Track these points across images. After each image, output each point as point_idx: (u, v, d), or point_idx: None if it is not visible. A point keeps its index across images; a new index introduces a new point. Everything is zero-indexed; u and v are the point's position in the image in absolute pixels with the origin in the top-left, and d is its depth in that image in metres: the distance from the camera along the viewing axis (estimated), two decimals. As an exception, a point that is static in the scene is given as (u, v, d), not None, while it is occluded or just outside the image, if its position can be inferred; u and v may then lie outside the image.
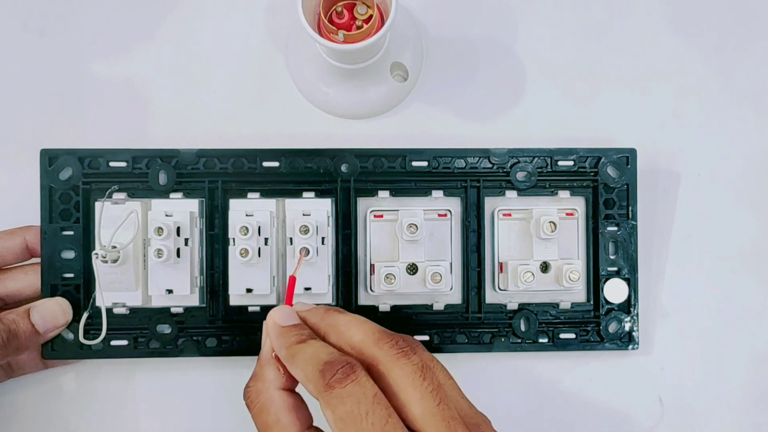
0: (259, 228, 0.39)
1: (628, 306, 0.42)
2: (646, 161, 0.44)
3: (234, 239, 0.39)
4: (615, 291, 0.42)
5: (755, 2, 0.45)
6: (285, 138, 0.43)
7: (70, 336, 0.40)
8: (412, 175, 0.41)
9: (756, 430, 0.44)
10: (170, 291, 0.40)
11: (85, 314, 0.40)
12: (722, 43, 0.45)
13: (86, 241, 0.40)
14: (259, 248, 0.39)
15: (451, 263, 0.41)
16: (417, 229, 0.40)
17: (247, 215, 0.40)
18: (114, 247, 0.38)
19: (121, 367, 0.42)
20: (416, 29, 0.43)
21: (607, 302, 0.42)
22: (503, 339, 0.41)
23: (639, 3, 0.45)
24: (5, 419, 0.42)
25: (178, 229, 0.40)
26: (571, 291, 0.41)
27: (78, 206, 0.40)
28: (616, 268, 0.42)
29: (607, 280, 0.42)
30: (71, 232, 0.40)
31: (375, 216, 0.41)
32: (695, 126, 0.45)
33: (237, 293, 0.40)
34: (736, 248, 0.44)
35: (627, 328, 0.42)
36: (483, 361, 0.43)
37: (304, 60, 0.43)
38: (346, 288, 0.41)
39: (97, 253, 0.38)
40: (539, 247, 0.41)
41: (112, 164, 0.40)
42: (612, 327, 0.42)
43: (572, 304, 0.42)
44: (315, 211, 0.40)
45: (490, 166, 0.41)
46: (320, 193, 0.41)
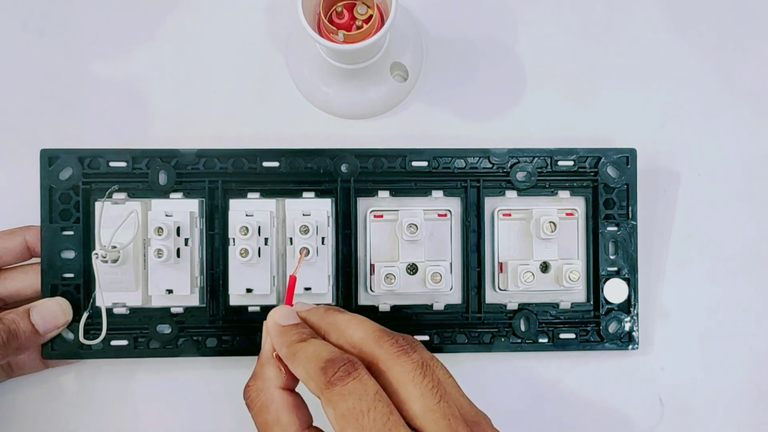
0: (259, 228, 0.39)
1: (628, 306, 0.42)
2: (646, 161, 0.44)
3: (234, 239, 0.39)
4: (615, 291, 0.42)
5: (755, 2, 0.45)
6: (285, 138, 0.43)
7: (70, 336, 0.40)
8: (412, 175, 0.41)
9: (756, 430, 0.44)
10: (170, 291, 0.40)
11: (85, 314, 0.40)
12: (722, 43, 0.45)
13: (86, 241, 0.40)
14: (259, 248, 0.39)
15: (451, 263, 0.41)
16: (417, 229, 0.40)
17: (247, 215, 0.40)
18: (114, 247, 0.38)
19: (121, 367, 0.42)
20: (416, 29, 0.43)
21: (607, 302, 0.42)
22: (503, 339, 0.42)
23: (639, 3, 0.45)
24: (5, 419, 0.42)
25: (178, 229, 0.40)
26: (571, 291, 0.41)
27: (78, 206, 0.40)
28: (616, 268, 0.42)
29: (607, 280, 0.42)
30: (71, 232, 0.40)
31: (375, 216, 0.41)
32: (695, 126, 0.45)
33: (237, 293, 0.40)
34: (736, 248, 0.44)
35: (627, 328, 0.42)
36: (483, 361, 0.43)
37: (304, 60, 0.43)
38: (346, 288, 0.41)
39: (97, 253, 0.38)
40: (539, 247, 0.41)
41: (112, 164, 0.40)
42: (612, 327, 0.42)
43: (572, 304, 0.42)
44: (315, 211, 0.40)
45: (490, 166, 0.41)
46: (320, 193, 0.41)
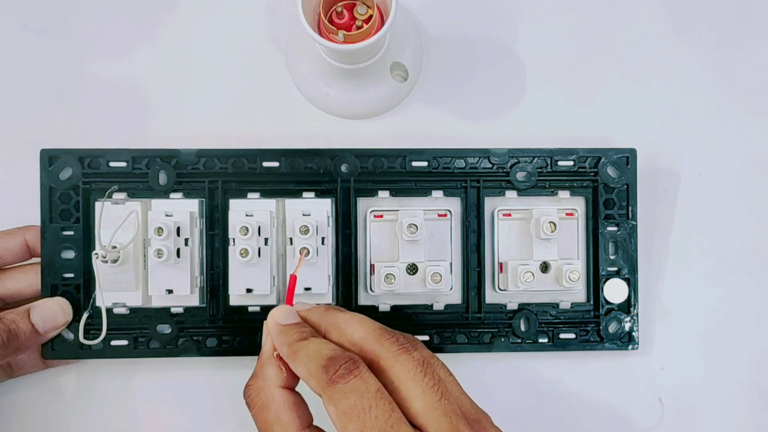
0: (259, 228, 0.39)
1: (628, 306, 0.42)
2: (646, 161, 0.44)
3: (234, 239, 0.39)
4: (615, 291, 0.42)
5: (755, 2, 0.45)
6: (285, 138, 0.43)
7: (70, 336, 0.40)
8: (412, 175, 0.41)
9: (756, 430, 0.44)
10: (170, 291, 0.40)
11: (85, 314, 0.40)
12: (722, 43, 0.45)
13: (86, 241, 0.40)
14: (259, 248, 0.39)
15: (451, 263, 0.41)
16: (417, 229, 0.40)
17: (247, 215, 0.40)
18: (114, 247, 0.38)
19: (121, 367, 0.42)
20: (416, 29, 0.43)
21: (607, 302, 0.42)
22: (503, 339, 0.41)
23: (639, 3, 0.45)
24: (5, 419, 0.42)
25: (178, 229, 0.40)
26: (571, 291, 0.41)
27: (78, 206, 0.40)
28: (616, 268, 0.42)
29: (607, 280, 0.42)
30: (71, 232, 0.40)
31: (375, 216, 0.41)
32: (695, 126, 0.45)
33: (237, 293, 0.40)
34: (736, 248, 0.44)
35: (627, 328, 0.42)
36: (483, 361, 0.43)
37: (304, 60, 0.43)
38: (346, 288, 0.41)
39: (97, 253, 0.38)
40: (539, 247, 0.41)
41: (112, 164, 0.40)
42: (612, 327, 0.42)
43: (572, 304, 0.42)
44: (315, 211, 0.40)
45: (490, 166, 0.41)
46: (320, 193, 0.41)
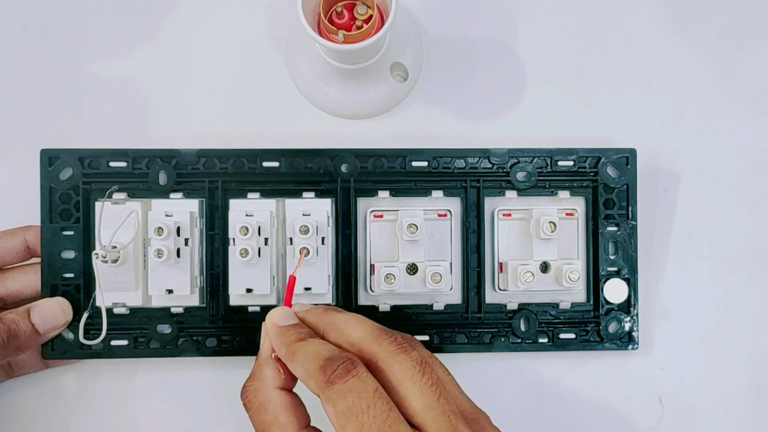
0: (259, 228, 0.39)
1: (628, 306, 0.42)
2: (646, 161, 0.44)
3: (234, 239, 0.39)
4: (615, 291, 0.42)
5: (755, 2, 0.45)
6: (285, 138, 0.43)
7: (70, 336, 0.40)
8: (412, 175, 0.41)
9: (756, 430, 0.44)
10: (170, 291, 0.40)
11: (85, 314, 0.40)
12: (722, 43, 0.45)
13: (86, 241, 0.40)
14: (259, 248, 0.39)
15: (451, 263, 0.41)
16: (417, 229, 0.40)
17: (247, 215, 0.40)
18: (114, 247, 0.38)
19: (121, 367, 0.42)
20: (416, 29, 0.43)
21: (607, 302, 0.42)
22: (503, 339, 0.42)
23: (639, 3, 0.45)
24: (5, 419, 0.42)
25: (178, 229, 0.40)
26: (571, 291, 0.41)
27: (78, 206, 0.40)
28: (615, 268, 0.42)
29: (606, 280, 0.42)
30: (71, 232, 0.40)
31: (375, 216, 0.41)
32: (695, 126, 0.45)
33: (237, 293, 0.40)
34: (736, 248, 0.44)
35: (627, 328, 0.42)
36: (483, 361, 0.43)
37: (304, 60, 0.43)
38: (346, 288, 0.41)
39: (97, 253, 0.38)
40: (539, 247, 0.41)
41: (112, 164, 0.40)
42: (612, 327, 0.42)
43: (572, 304, 0.42)
44: (315, 211, 0.40)
45: (490, 166, 0.41)
46: (320, 193, 0.41)
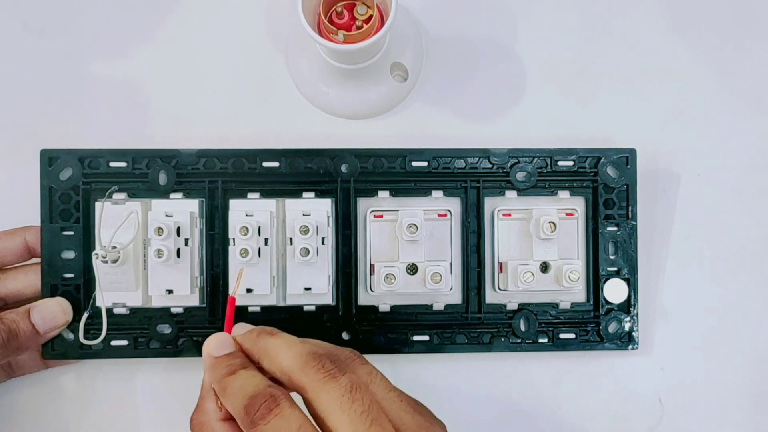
0: (259, 228, 0.39)
1: (628, 306, 0.42)
2: (646, 161, 0.44)
3: (234, 239, 0.39)
4: (615, 291, 0.42)
5: (755, 2, 0.45)
6: (285, 138, 0.43)
7: (71, 336, 0.40)
8: (412, 175, 0.41)
9: (756, 431, 0.44)
10: (170, 291, 0.40)
11: (85, 314, 0.40)
12: (722, 43, 0.45)
13: (86, 241, 0.40)
14: (259, 248, 0.39)
15: (451, 263, 0.41)
16: (417, 229, 0.40)
17: (247, 215, 0.40)
18: (114, 247, 0.38)
19: (121, 367, 0.42)
20: (416, 29, 0.43)
21: (607, 302, 0.42)
22: (503, 339, 0.41)
23: (639, 3, 0.45)
24: (5, 419, 0.42)
25: (178, 229, 0.40)
26: (571, 291, 0.41)
27: (78, 206, 0.40)
28: (615, 268, 0.42)
29: (606, 280, 0.42)
30: (71, 232, 0.40)
31: (375, 216, 0.41)
32: (695, 126, 0.45)
33: (237, 293, 0.40)
34: (736, 248, 0.44)
35: (627, 328, 0.42)
36: (483, 361, 0.43)
37: (304, 60, 0.43)
38: (346, 288, 0.41)
39: (97, 253, 0.38)
40: (539, 247, 0.41)
41: (112, 164, 0.40)
42: (612, 327, 0.42)
43: (572, 304, 0.42)
44: (315, 211, 0.40)
45: (490, 166, 0.41)
46: (320, 194, 0.41)
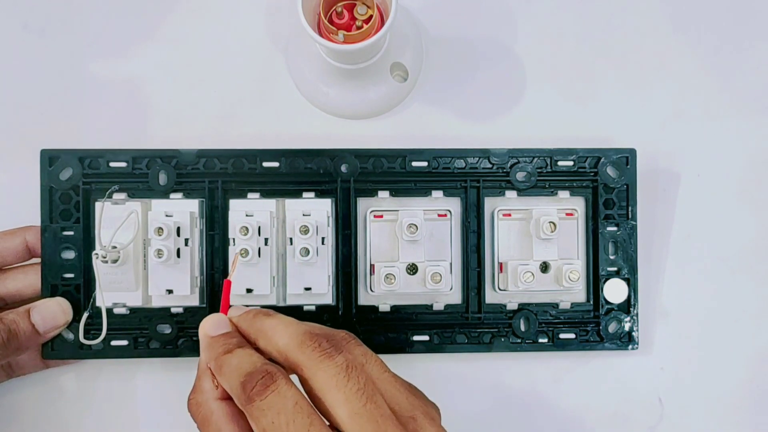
0: (259, 228, 0.39)
1: (628, 306, 0.42)
2: (646, 161, 0.44)
3: (234, 239, 0.39)
4: (615, 291, 0.42)
5: (755, 2, 0.45)
6: (285, 138, 0.43)
7: (71, 336, 0.40)
8: (411, 176, 0.41)
9: (756, 430, 0.44)
10: (170, 291, 0.40)
11: (85, 314, 0.40)
12: (722, 44, 0.45)
13: (86, 241, 0.40)
14: (259, 248, 0.39)
15: (451, 263, 0.41)
16: (417, 229, 0.40)
17: (247, 215, 0.40)
18: (114, 247, 0.38)
19: (121, 367, 0.42)
20: (416, 29, 0.43)
21: (607, 302, 0.42)
22: (503, 339, 0.42)
23: (639, 3, 0.45)
24: (5, 419, 0.42)
25: (178, 229, 0.40)
26: (571, 291, 0.41)
27: (78, 206, 0.40)
28: (615, 268, 0.42)
29: (606, 280, 0.42)
30: (71, 232, 0.40)
31: (375, 216, 0.41)
32: (695, 126, 0.45)
33: (237, 293, 0.40)
34: (736, 248, 0.44)
35: (627, 328, 0.42)
36: (483, 361, 0.43)
37: (304, 60, 0.43)
38: (346, 288, 0.41)
39: (97, 253, 0.38)
40: (539, 247, 0.41)
41: (112, 164, 0.40)
42: (612, 327, 0.42)
43: (572, 304, 0.42)
44: (315, 211, 0.40)
45: (489, 166, 0.41)
46: (320, 194, 0.41)
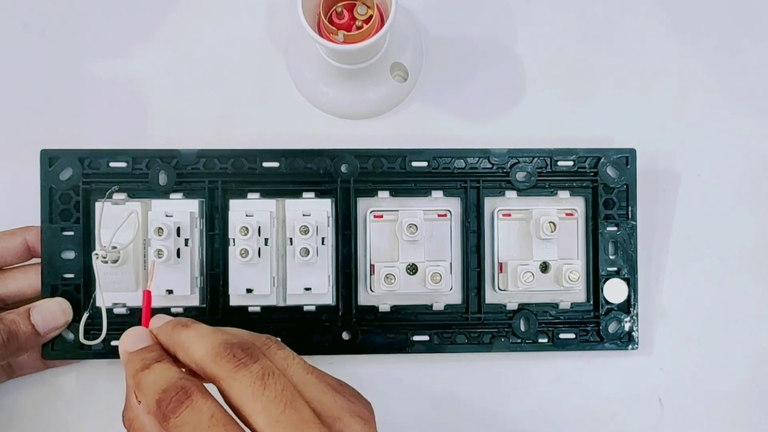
0: (259, 228, 0.39)
1: (628, 306, 0.42)
2: (646, 161, 0.44)
3: (234, 239, 0.39)
4: (615, 291, 0.42)
5: (755, 2, 0.45)
6: (285, 138, 0.43)
7: (71, 336, 0.40)
8: (411, 176, 0.41)
9: (755, 430, 0.44)
10: (170, 291, 0.40)
11: (86, 314, 0.40)
12: (722, 44, 0.45)
13: (86, 242, 0.40)
14: (259, 248, 0.39)
15: (450, 263, 0.41)
16: (417, 230, 0.40)
17: (247, 215, 0.40)
18: (114, 247, 0.38)
19: (121, 367, 0.42)
20: (416, 29, 0.43)
21: (607, 302, 0.42)
22: (503, 339, 0.42)
23: (639, 3, 0.45)
24: (5, 419, 0.42)
25: (178, 229, 0.40)
26: (571, 291, 0.41)
27: (78, 206, 0.40)
28: (615, 268, 0.42)
29: (606, 280, 0.42)
30: (71, 233, 0.40)
31: (375, 216, 0.41)
32: (695, 126, 0.45)
33: (237, 293, 0.40)
34: (736, 248, 0.44)
35: (627, 328, 0.42)
36: (483, 361, 0.43)
37: (304, 60, 0.43)
38: (346, 288, 0.41)
39: (97, 254, 0.38)
40: (539, 248, 0.41)
41: (112, 164, 0.40)
42: (612, 327, 0.42)
43: (572, 304, 0.42)
44: (315, 211, 0.40)
45: (489, 166, 0.41)
46: (320, 194, 0.41)
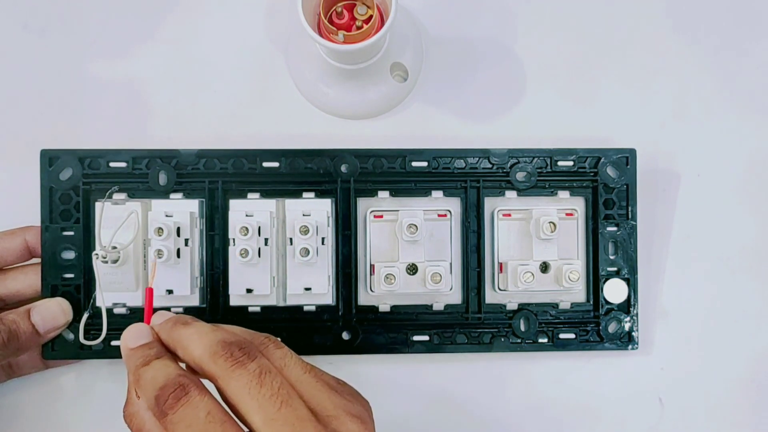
0: (259, 228, 0.39)
1: (628, 306, 0.42)
2: (646, 161, 0.44)
3: (234, 239, 0.39)
4: (615, 291, 0.42)
5: (755, 2, 0.45)
6: (285, 138, 0.43)
7: (71, 336, 0.40)
8: (411, 176, 0.41)
9: (755, 430, 0.44)
10: (170, 291, 0.40)
11: (86, 314, 0.40)
12: (722, 44, 0.45)
13: (86, 242, 0.40)
14: (259, 248, 0.40)
15: (450, 263, 0.41)
16: (417, 230, 0.40)
17: (247, 215, 0.40)
18: (114, 247, 0.38)
19: (121, 367, 0.42)
20: (416, 29, 0.43)
21: (607, 302, 0.42)
22: (503, 339, 0.42)
23: (639, 3, 0.45)
24: (5, 419, 0.42)
25: (178, 229, 0.40)
26: (571, 291, 0.41)
27: (78, 206, 0.40)
28: (615, 268, 0.42)
29: (606, 280, 0.42)
30: (71, 233, 0.40)
31: (375, 216, 0.41)
32: (695, 126, 0.45)
33: (237, 293, 0.40)
34: (736, 248, 0.44)
35: (627, 328, 0.42)
36: (483, 361, 0.43)
37: (304, 60, 0.43)
38: (346, 288, 0.41)
39: (97, 254, 0.38)
40: (539, 248, 0.41)
41: (112, 164, 0.40)
42: (612, 327, 0.42)
43: (572, 304, 0.42)
44: (315, 211, 0.40)
45: (489, 166, 0.41)
46: (320, 194, 0.41)
